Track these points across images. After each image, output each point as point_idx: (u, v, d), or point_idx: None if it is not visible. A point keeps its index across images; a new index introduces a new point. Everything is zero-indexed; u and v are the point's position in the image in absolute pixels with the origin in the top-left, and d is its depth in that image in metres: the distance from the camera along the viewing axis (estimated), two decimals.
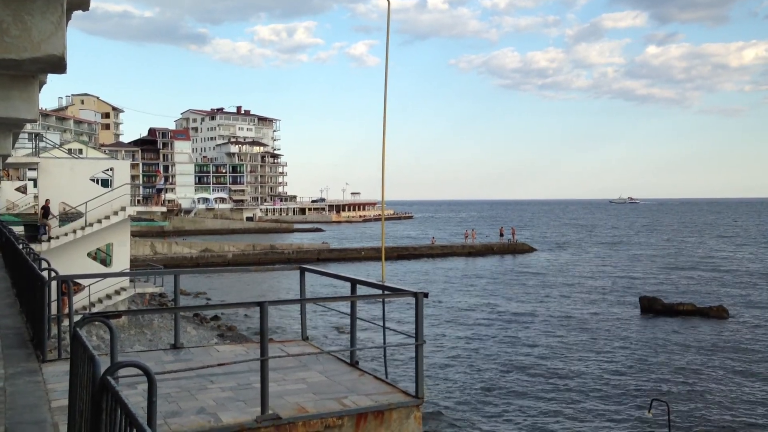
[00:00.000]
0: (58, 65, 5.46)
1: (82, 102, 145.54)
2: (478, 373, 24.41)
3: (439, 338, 30.13)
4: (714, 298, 40.91)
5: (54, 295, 8.96)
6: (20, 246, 14.50)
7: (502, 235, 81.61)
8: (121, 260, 28.17)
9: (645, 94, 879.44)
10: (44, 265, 10.23)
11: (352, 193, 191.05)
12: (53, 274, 9.21)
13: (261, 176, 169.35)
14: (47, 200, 26.00)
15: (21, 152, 42.11)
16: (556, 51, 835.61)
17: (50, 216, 26.05)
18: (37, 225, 26.58)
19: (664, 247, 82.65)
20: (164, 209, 34.47)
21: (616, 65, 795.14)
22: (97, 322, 5.35)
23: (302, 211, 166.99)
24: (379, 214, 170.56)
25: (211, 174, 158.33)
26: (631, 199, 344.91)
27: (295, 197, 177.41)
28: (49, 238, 25.91)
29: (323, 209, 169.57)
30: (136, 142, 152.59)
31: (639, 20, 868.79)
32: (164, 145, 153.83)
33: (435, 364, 25.35)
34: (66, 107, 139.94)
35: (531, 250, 76.31)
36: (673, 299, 39.25)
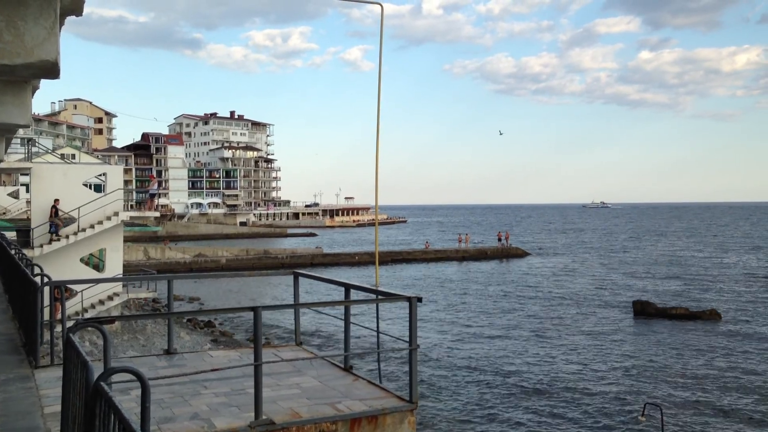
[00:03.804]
0: (51, 71, 5.46)
1: (75, 107, 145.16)
2: (472, 377, 24.41)
3: (433, 343, 30.12)
4: (706, 301, 41.08)
5: (47, 301, 8.93)
6: (13, 251, 14.44)
7: (500, 239, 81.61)
8: (114, 265, 28.06)
9: (638, 98, 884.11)
10: (37, 270, 10.19)
11: (346, 198, 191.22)
12: (46, 279, 9.18)
13: (254, 181, 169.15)
14: (56, 200, 26.03)
15: (13, 157, 41.95)
16: (549, 56, 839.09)
17: (60, 215, 26.09)
18: (28, 230, 26.50)
19: (654, 250, 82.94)
20: (157, 214, 34.35)
21: (609, 70, 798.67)
22: (90, 328, 5.33)
23: (296, 215, 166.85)
24: (373, 219, 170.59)
25: (204, 179, 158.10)
26: (603, 203, 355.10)
27: (288, 202, 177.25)
28: (51, 240, 25.92)
29: (317, 214, 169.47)
30: (129, 147, 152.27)
31: (632, 25, 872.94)
32: (157, 150, 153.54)
33: (429, 368, 25.33)
34: (59, 112, 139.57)
35: (524, 254, 76.42)
36: (666, 303, 39.42)
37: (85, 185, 28.48)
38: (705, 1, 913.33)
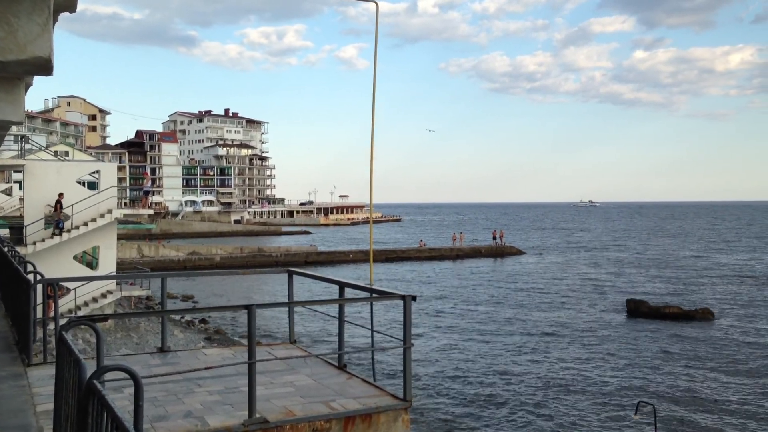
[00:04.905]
0: (45, 67, 5.43)
1: (69, 104, 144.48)
2: (466, 376, 24.45)
3: (428, 341, 30.16)
4: (699, 300, 41.24)
5: (40, 298, 8.89)
6: (6, 248, 14.38)
7: (495, 238, 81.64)
8: (108, 263, 27.96)
9: (632, 98, 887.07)
10: (30, 267, 10.15)
11: (341, 196, 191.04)
12: (39, 277, 9.14)
13: (249, 179, 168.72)
14: (61, 194, 25.90)
15: (6, 154, 41.80)
16: (544, 55, 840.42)
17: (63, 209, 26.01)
18: (21, 227, 26.40)
19: (647, 250, 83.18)
20: (151, 212, 34.27)
21: (603, 69, 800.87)
22: (83, 326, 5.31)
23: (290, 213, 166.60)
24: (368, 217, 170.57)
25: (198, 176, 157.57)
26: (592, 202, 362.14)
27: (283, 200, 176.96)
28: (54, 235, 25.85)
29: (311, 212, 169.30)
30: (123, 145, 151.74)
31: (627, 25, 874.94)
32: (151, 147, 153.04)
33: (423, 367, 25.37)
34: (52, 109, 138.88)
35: (519, 252, 76.53)
36: (659, 302, 39.55)
37: (79, 182, 28.39)
38: (699, 1, 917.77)
